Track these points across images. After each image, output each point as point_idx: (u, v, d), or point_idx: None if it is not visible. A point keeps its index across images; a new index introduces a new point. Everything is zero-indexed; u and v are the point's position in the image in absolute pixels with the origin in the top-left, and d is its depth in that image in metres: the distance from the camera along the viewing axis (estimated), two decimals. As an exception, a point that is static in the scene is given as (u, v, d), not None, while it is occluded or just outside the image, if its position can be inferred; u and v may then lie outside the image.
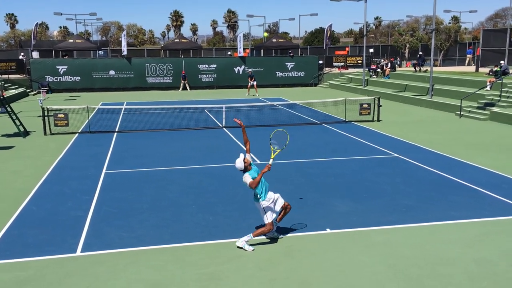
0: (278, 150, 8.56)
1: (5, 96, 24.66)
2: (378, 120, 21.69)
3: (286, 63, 42.14)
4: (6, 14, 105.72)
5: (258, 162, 14.12)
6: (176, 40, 51.73)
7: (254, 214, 9.61)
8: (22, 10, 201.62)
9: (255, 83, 35.14)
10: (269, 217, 8.06)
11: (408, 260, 7.69)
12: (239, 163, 8.01)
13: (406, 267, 7.43)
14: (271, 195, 8.13)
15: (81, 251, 8.11)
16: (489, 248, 8.08)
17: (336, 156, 14.94)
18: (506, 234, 8.68)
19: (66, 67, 38.34)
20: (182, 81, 39.39)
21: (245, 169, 8.06)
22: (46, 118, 19.26)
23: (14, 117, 19.02)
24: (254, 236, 8.11)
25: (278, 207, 8.19)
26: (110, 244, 8.37)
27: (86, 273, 7.33)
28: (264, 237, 8.44)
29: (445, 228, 9.00)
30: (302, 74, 42.36)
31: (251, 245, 8.14)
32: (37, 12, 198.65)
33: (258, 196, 8.01)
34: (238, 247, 8.08)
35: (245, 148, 8.56)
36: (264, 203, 8.03)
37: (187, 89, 39.30)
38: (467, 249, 8.08)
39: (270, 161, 8.23)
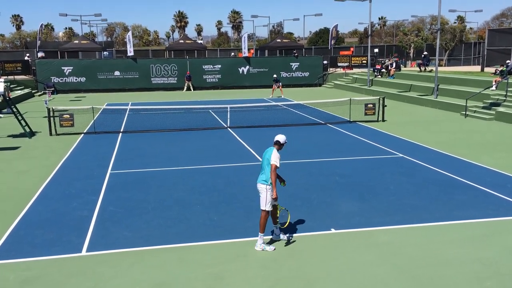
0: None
1: (11, 97, 24.78)
2: (383, 120, 21.65)
3: (291, 63, 42.12)
4: (12, 15, 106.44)
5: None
6: (180, 41, 51.83)
7: (258, 213, 9.63)
8: (28, 11, 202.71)
9: (280, 84, 34.59)
10: (267, 204, 8.02)
11: (413, 260, 7.67)
12: (283, 137, 8.22)
13: (411, 267, 7.42)
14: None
15: (86, 251, 8.14)
16: (494, 248, 8.06)
17: (341, 156, 14.93)
18: (510, 234, 8.65)
19: (71, 68, 38.49)
20: (187, 81, 39.47)
21: (279, 147, 8.18)
22: (52, 118, 19.34)
23: (20, 117, 19.12)
24: (261, 232, 8.11)
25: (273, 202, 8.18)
26: (115, 244, 8.40)
27: (91, 273, 7.36)
28: (271, 236, 8.47)
29: (450, 228, 8.98)
30: (307, 74, 42.34)
31: (268, 243, 8.20)
32: (43, 13, 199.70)
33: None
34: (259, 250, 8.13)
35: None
36: (269, 188, 7.98)
37: (191, 90, 39.37)
38: (472, 248, 8.06)
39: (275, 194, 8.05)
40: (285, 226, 8.23)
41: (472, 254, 7.84)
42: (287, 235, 8.53)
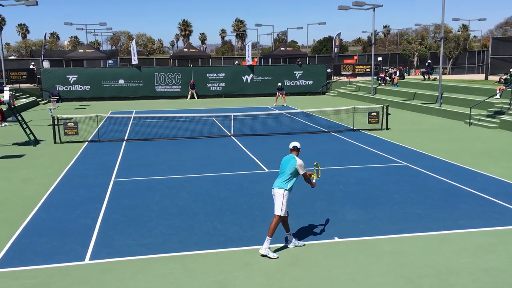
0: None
1: (16, 105, 24.89)
2: (387, 129, 21.63)
3: (294, 72, 42.23)
4: (18, 25, 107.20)
5: (267, 170, 14.13)
6: (185, 49, 52.05)
7: (262, 222, 9.61)
8: (34, 20, 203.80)
9: (283, 93, 34.48)
10: (282, 210, 8.08)
11: (417, 269, 7.63)
12: (298, 144, 8.57)
13: (415, 276, 7.37)
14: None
15: (90, 259, 8.13)
16: (499, 257, 8.00)
17: (345, 165, 14.90)
18: (516, 243, 8.60)
19: (76, 76, 38.70)
20: (190, 89, 39.62)
21: (298, 153, 8.46)
22: (56, 127, 19.41)
23: (24, 126, 19.20)
24: (270, 236, 8.10)
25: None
26: (119, 252, 8.39)
27: (94, 281, 7.35)
28: (285, 244, 8.43)
29: (454, 237, 8.93)
30: (310, 82, 42.41)
31: (274, 251, 8.17)
32: (48, 22, 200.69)
33: (289, 183, 8.15)
34: (262, 255, 8.07)
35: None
36: (286, 194, 8.09)
37: (194, 98, 39.49)
38: (477, 258, 8.01)
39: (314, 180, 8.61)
40: (319, 176, 8.68)
41: (477, 264, 7.79)
42: (302, 241, 8.61)
